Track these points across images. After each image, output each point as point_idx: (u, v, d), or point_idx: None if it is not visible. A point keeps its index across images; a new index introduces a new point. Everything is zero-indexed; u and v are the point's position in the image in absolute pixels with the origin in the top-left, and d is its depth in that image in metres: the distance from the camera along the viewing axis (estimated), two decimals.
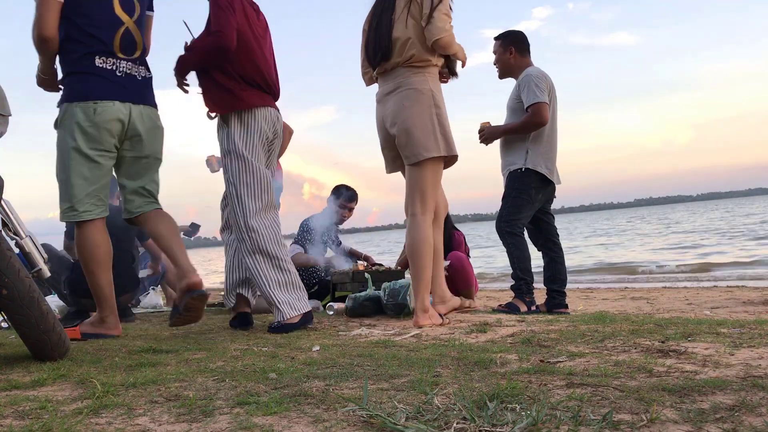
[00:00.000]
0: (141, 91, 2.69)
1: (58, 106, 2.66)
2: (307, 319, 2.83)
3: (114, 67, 2.60)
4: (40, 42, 2.53)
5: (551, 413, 1.15)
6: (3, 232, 2.00)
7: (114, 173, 2.77)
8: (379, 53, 2.81)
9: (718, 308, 4.41)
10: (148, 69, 2.77)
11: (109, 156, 2.65)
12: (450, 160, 2.86)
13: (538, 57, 3.99)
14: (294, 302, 2.80)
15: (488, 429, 1.08)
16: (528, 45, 3.98)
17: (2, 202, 2.15)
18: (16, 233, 2.18)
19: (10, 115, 2.40)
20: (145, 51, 2.76)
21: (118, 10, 2.63)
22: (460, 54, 2.84)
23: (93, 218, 2.65)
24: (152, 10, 2.86)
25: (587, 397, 1.27)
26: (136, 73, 2.70)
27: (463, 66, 2.97)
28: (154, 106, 2.76)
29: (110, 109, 2.57)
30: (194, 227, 5.36)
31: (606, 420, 1.09)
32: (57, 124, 2.65)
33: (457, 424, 1.11)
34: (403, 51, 2.76)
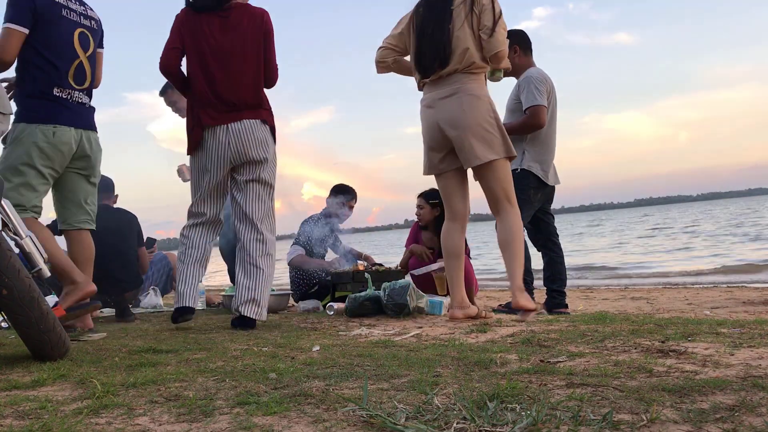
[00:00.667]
0: (89, 118, 2.94)
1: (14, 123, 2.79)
2: (175, 315, 3.04)
3: (68, 96, 2.85)
4: (0, 65, 2.76)
5: (551, 413, 1.15)
6: (3, 232, 2.00)
7: (59, 189, 2.94)
8: (437, 60, 2.89)
9: (718, 308, 4.41)
10: (91, 99, 3.00)
11: (55, 175, 2.85)
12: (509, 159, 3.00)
13: (538, 57, 4.00)
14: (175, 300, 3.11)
15: (488, 429, 1.08)
16: (530, 44, 3.98)
17: (2, 203, 2.15)
18: (16, 233, 2.18)
19: (11, 113, 2.44)
20: (93, 83, 2.99)
21: (77, 45, 2.88)
22: (508, 63, 3.00)
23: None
24: (102, 47, 3.09)
25: (587, 397, 1.27)
26: (85, 102, 2.94)
27: (505, 74, 3.14)
28: (96, 130, 3.02)
29: (67, 134, 2.80)
30: (150, 242, 4.89)
31: (606, 420, 1.09)
32: (7, 141, 2.78)
33: (457, 424, 1.11)
34: (462, 59, 2.86)
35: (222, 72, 2.97)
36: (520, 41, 3.94)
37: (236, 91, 2.97)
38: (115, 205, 4.27)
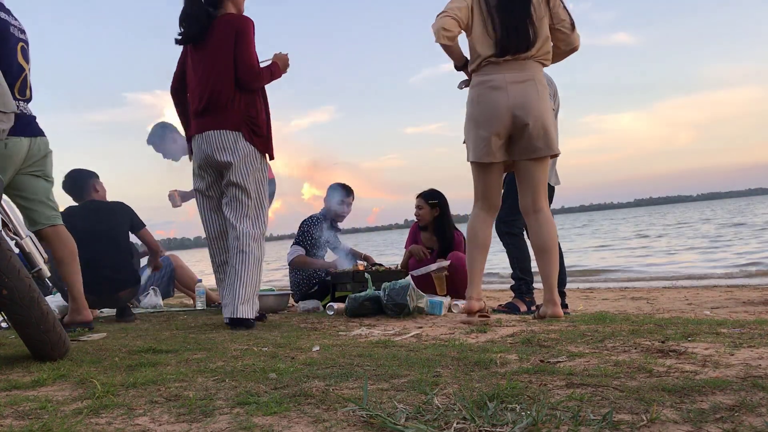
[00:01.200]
0: (36, 126, 3.06)
1: None
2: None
3: (17, 108, 2.95)
4: None
5: (551, 413, 1.15)
6: (3, 232, 2.00)
7: (19, 194, 3.03)
8: (524, 43, 2.85)
9: (718, 308, 4.41)
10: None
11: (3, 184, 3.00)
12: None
13: None
14: None
15: (488, 429, 1.08)
16: None
17: (2, 203, 2.15)
18: (16, 233, 2.18)
19: (14, 111, 2.45)
20: (32, 95, 3.12)
21: (20, 58, 3.00)
22: None
23: None
24: None
25: (587, 397, 1.27)
26: (28, 112, 3.06)
27: None
28: (45, 135, 3.12)
29: (18, 144, 2.91)
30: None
31: (606, 420, 1.09)
32: None
33: (457, 424, 1.11)
34: (542, 46, 2.89)
35: (194, 82, 3.13)
36: None
37: (205, 98, 3.08)
38: (103, 198, 4.18)
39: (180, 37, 3.19)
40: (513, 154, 2.94)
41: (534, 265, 3.85)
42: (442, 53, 3.01)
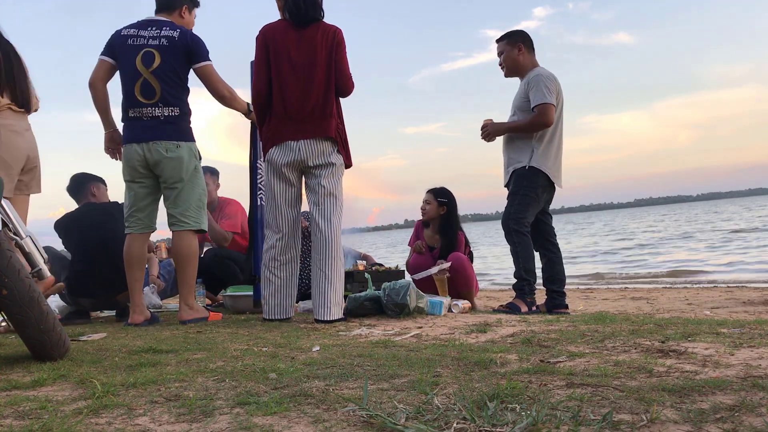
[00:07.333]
0: (157, 130, 3.28)
1: None
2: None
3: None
4: None
5: (551, 413, 1.15)
6: (3, 232, 2.00)
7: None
8: (25, 101, 3.04)
9: (718, 308, 4.41)
10: None
11: None
12: None
13: (538, 57, 4.01)
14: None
15: (488, 429, 1.08)
16: (533, 44, 3.98)
17: (2, 202, 2.15)
18: (16, 233, 2.18)
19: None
20: (160, 97, 3.31)
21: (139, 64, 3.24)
22: None
23: None
24: None
25: (587, 397, 1.27)
26: (148, 116, 3.29)
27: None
28: (171, 139, 3.34)
29: (128, 151, 3.23)
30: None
31: (606, 420, 1.09)
32: None
33: (457, 424, 1.11)
34: (36, 103, 3.12)
35: (291, 81, 3.11)
36: (523, 40, 3.94)
37: (309, 104, 3.11)
38: (102, 199, 4.15)
39: (294, 15, 3.13)
40: (14, 190, 3.13)
41: (535, 266, 3.86)
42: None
